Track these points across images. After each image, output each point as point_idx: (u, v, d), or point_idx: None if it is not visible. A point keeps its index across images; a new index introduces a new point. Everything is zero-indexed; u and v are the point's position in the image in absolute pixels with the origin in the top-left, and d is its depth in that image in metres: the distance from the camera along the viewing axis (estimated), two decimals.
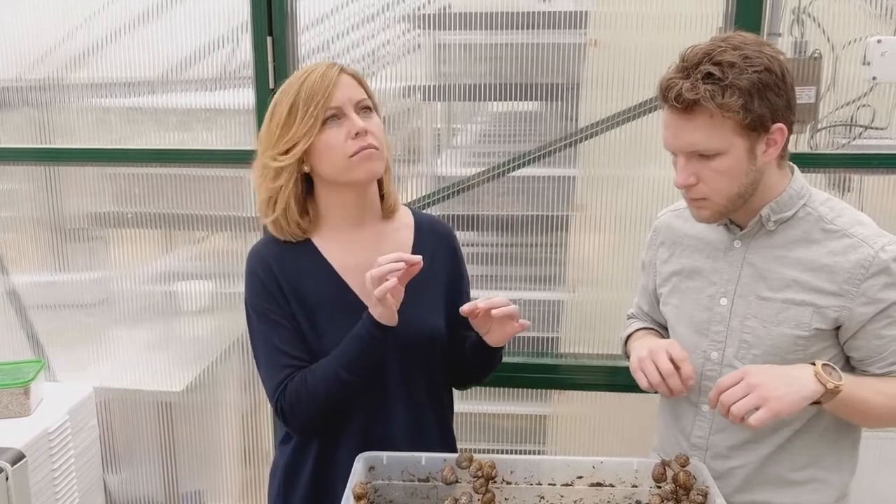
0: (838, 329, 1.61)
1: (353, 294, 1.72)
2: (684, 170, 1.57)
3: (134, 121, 2.72)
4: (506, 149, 2.56)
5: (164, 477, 2.95)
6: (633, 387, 1.85)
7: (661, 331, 1.92)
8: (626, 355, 1.94)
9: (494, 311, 1.60)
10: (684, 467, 1.59)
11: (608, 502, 1.63)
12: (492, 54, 2.47)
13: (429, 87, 2.53)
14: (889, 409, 1.58)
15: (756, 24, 2.23)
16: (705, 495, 1.54)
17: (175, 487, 2.96)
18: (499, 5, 2.41)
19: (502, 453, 2.74)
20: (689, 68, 1.50)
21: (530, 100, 2.53)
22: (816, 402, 1.51)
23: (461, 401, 2.58)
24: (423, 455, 1.64)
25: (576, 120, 2.49)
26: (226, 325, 2.82)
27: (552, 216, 2.57)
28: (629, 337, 1.95)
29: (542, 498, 1.64)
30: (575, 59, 2.43)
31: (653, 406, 1.93)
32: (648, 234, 1.91)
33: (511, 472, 1.63)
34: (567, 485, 1.63)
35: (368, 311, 1.62)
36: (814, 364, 1.50)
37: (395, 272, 1.55)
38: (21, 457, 2.37)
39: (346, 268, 1.73)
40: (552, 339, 2.67)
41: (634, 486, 1.63)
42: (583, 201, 2.56)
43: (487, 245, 2.66)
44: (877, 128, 2.37)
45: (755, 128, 1.50)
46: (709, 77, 1.47)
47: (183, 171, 2.69)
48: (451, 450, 1.88)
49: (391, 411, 1.76)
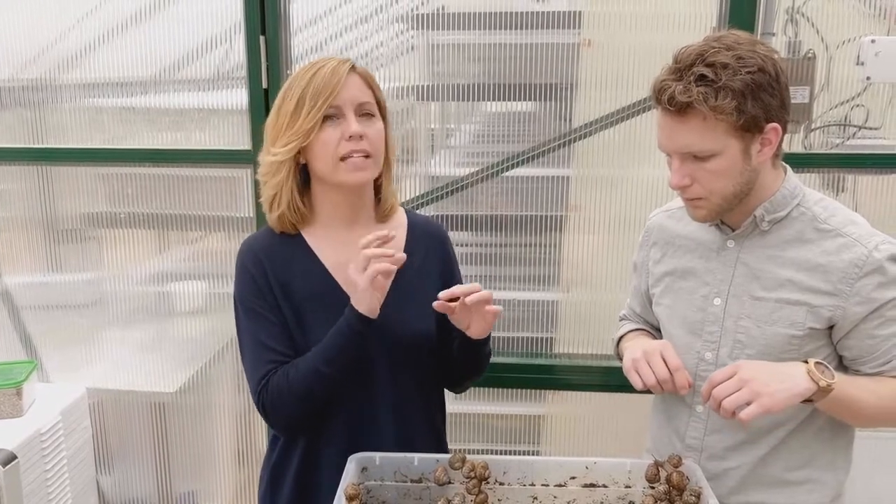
0: (832, 328, 1.61)
1: (342, 292, 1.71)
2: (679, 171, 1.57)
3: (127, 121, 2.71)
4: (500, 149, 2.56)
5: (158, 478, 2.94)
6: (627, 387, 1.84)
7: (653, 332, 1.92)
8: (619, 357, 1.94)
9: (468, 299, 1.59)
10: (677, 468, 1.60)
11: (601, 503, 1.62)
12: (486, 54, 2.47)
13: (423, 87, 2.53)
14: (881, 408, 1.58)
15: (750, 24, 2.23)
16: (698, 496, 1.54)
17: (169, 488, 2.95)
18: (493, 5, 2.41)
19: (497, 454, 2.76)
20: (681, 70, 1.50)
21: (525, 100, 2.53)
22: (808, 401, 1.51)
23: (456, 401, 2.60)
24: (415, 456, 1.64)
25: (570, 120, 2.48)
26: (220, 326, 2.81)
27: (546, 216, 2.57)
28: (621, 338, 1.95)
29: (536, 499, 1.63)
30: (569, 59, 2.43)
31: (647, 406, 1.93)
32: (640, 234, 1.90)
33: (504, 472, 1.63)
34: (560, 485, 1.63)
35: (351, 304, 1.62)
36: (807, 362, 1.50)
37: (385, 258, 1.56)
38: (13, 458, 2.36)
39: (337, 266, 1.73)
40: (547, 339, 2.67)
41: (628, 487, 1.63)
42: (577, 201, 2.55)
43: (481, 245, 2.65)
44: (870, 128, 2.37)
45: (749, 128, 1.50)
46: (702, 79, 1.47)
47: (176, 172, 2.68)
48: (441, 451, 1.87)
49: (378, 411, 1.76)
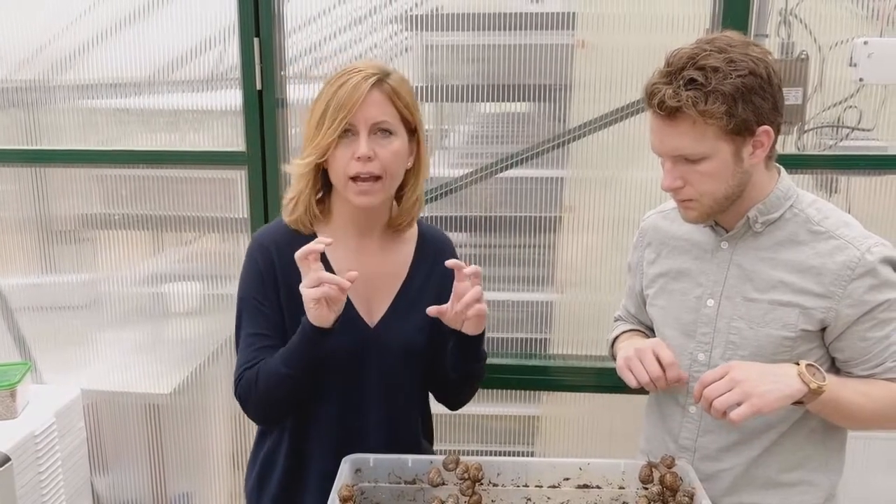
0: (824, 330, 1.61)
1: (350, 303, 1.71)
2: (670, 173, 1.58)
3: (122, 122, 2.70)
4: (495, 150, 2.56)
5: (153, 479, 2.93)
6: (620, 387, 1.85)
7: (647, 332, 1.92)
8: (613, 357, 1.94)
9: (469, 312, 1.61)
10: (671, 469, 1.60)
11: None
12: (481, 55, 2.47)
13: (418, 88, 2.50)
14: (872, 410, 1.58)
15: (743, 25, 2.23)
16: (692, 497, 1.54)
17: (163, 490, 2.94)
18: (488, 6, 2.41)
19: (491, 455, 2.76)
20: (672, 73, 1.50)
21: (520, 101, 2.53)
22: (800, 403, 1.51)
23: None
24: (409, 457, 1.65)
25: (564, 121, 2.48)
26: (215, 327, 2.81)
27: (541, 217, 2.57)
28: (616, 339, 1.95)
29: (529, 500, 1.64)
30: (564, 60, 2.43)
31: (641, 407, 1.93)
32: (635, 235, 1.91)
33: (498, 474, 1.64)
34: (554, 486, 1.64)
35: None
36: (798, 364, 1.51)
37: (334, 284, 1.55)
38: (7, 460, 2.35)
39: (343, 271, 1.69)
40: (541, 340, 2.67)
41: (621, 488, 1.64)
42: (572, 202, 2.55)
43: (476, 246, 2.65)
44: (863, 129, 2.37)
45: (740, 132, 1.50)
46: (691, 83, 1.47)
47: (171, 173, 2.68)
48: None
49: (366, 416, 1.77)
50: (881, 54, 2.21)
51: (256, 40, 2.42)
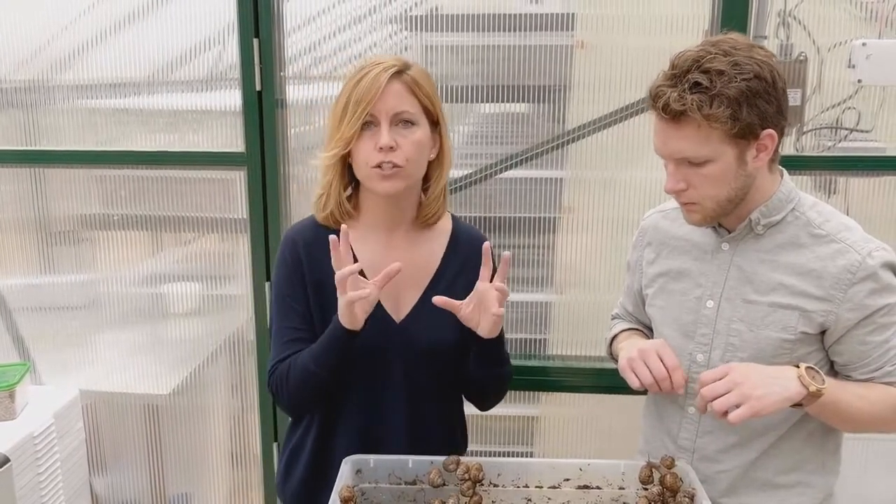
0: (823, 333, 1.61)
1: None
2: (674, 176, 1.57)
3: (121, 122, 2.69)
4: (494, 150, 2.55)
5: (152, 480, 2.93)
6: (619, 388, 1.85)
7: (646, 331, 1.92)
8: (611, 356, 1.95)
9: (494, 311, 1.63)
10: (671, 469, 1.60)
11: None
12: (480, 56, 2.46)
13: None
14: (870, 414, 1.58)
15: (742, 27, 2.22)
16: (692, 498, 1.54)
17: (162, 491, 2.94)
18: (487, 7, 2.41)
19: (490, 455, 2.75)
20: (677, 76, 1.49)
21: (518, 101, 2.52)
22: (798, 405, 1.51)
23: None
24: (409, 458, 1.64)
25: (563, 122, 2.48)
26: (214, 328, 2.80)
27: (540, 218, 2.56)
28: (614, 338, 1.95)
29: (530, 500, 1.64)
30: (563, 60, 2.43)
31: (639, 408, 1.93)
32: (635, 234, 1.90)
33: (498, 474, 1.64)
34: (554, 487, 1.64)
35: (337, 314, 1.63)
36: (798, 366, 1.51)
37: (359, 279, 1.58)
38: (6, 461, 2.35)
39: (371, 266, 1.71)
40: (540, 340, 2.67)
41: (621, 489, 1.63)
42: (571, 203, 2.55)
43: None
44: (862, 130, 2.37)
45: (744, 135, 1.50)
46: (696, 87, 1.47)
47: (170, 174, 2.67)
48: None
49: (389, 413, 1.77)
50: (880, 56, 2.21)
51: (256, 41, 2.42)
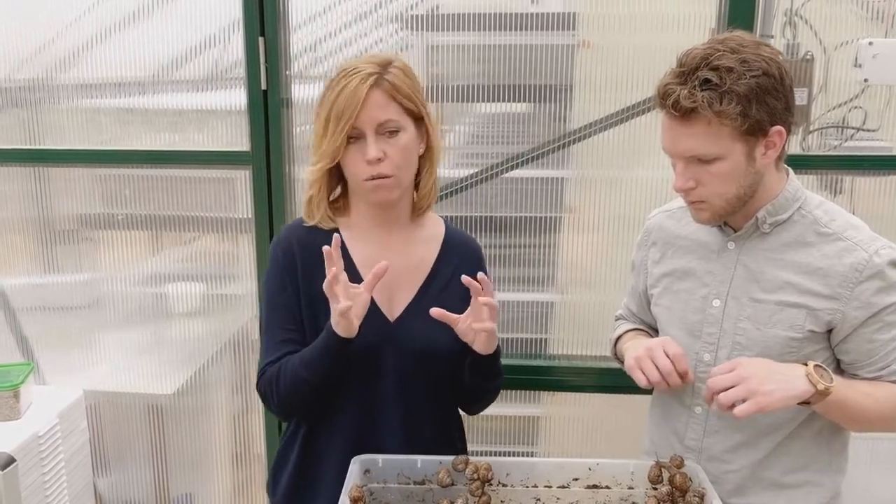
0: (830, 332, 1.61)
1: (371, 298, 1.69)
2: (683, 174, 1.57)
3: (124, 122, 2.69)
4: (497, 150, 2.55)
5: (155, 480, 2.92)
6: (622, 387, 1.85)
7: (650, 332, 1.92)
8: (616, 356, 1.95)
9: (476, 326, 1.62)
10: (680, 469, 1.60)
11: None
12: (482, 55, 2.45)
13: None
14: (877, 412, 1.58)
15: (748, 26, 2.22)
16: (702, 497, 1.54)
17: (166, 490, 2.93)
18: (490, 7, 2.40)
19: (493, 455, 2.75)
20: (686, 73, 1.49)
21: (521, 101, 2.52)
22: (806, 403, 1.51)
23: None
24: (418, 458, 1.64)
25: (566, 121, 2.48)
26: (217, 328, 2.80)
27: (543, 217, 2.56)
28: (618, 339, 1.94)
29: (539, 500, 1.64)
30: (566, 60, 2.42)
31: (644, 407, 1.93)
32: (639, 234, 1.90)
33: (507, 474, 1.64)
34: (563, 487, 1.63)
35: (330, 322, 1.62)
36: (806, 364, 1.51)
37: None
38: (11, 461, 2.34)
39: (365, 263, 1.72)
40: (543, 340, 2.66)
41: (630, 489, 1.63)
42: (573, 203, 2.54)
43: None
44: (868, 129, 2.37)
45: (754, 132, 1.50)
46: (706, 83, 1.47)
47: (174, 173, 2.66)
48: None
49: (382, 415, 1.75)
50: (886, 55, 2.21)
51: (262, 39, 2.40)
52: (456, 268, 1.80)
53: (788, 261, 1.61)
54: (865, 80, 2.26)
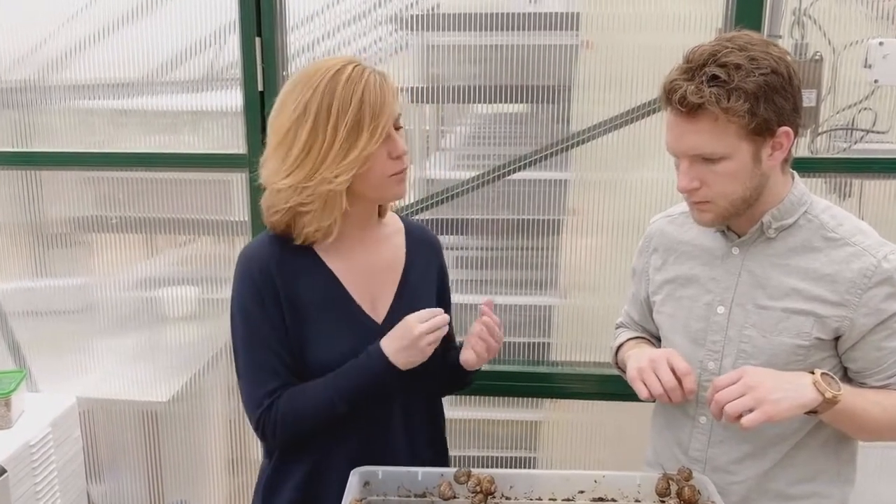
0: (837, 339, 1.58)
1: (355, 303, 1.68)
2: (687, 174, 1.54)
3: (118, 123, 2.66)
4: (496, 151, 2.54)
5: (150, 488, 2.90)
6: (625, 395, 1.82)
7: (653, 340, 1.88)
8: (617, 366, 1.92)
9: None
10: (688, 481, 1.56)
11: None
12: (482, 56, 2.44)
13: (418, 88, 2.50)
14: (886, 421, 1.55)
15: (756, 26, 2.20)
16: None
17: (161, 499, 2.91)
18: (488, 6, 2.38)
19: (493, 460, 2.72)
20: (693, 70, 1.47)
21: (521, 102, 2.51)
22: (813, 412, 1.48)
23: (451, 407, 2.60)
24: (419, 470, 1.60)
25: (567, 122, 2.46)
26: (212, 332, 2.77)
27: (545, 220, 2.54)
28: (619, 347, 1.91)
29: None
30: (566, 60, 2.40)
31: (646, 412, 1.90)
32: (640, 240, 1.87)
33: (510, 487, 1.60)
34: (568, 500, 1.60)
35: (382, 349, 1.60)
36: (813, 373, 1.48)
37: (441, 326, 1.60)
38: (2, 471, 2.32)
39: (346, 272, 1.68)
40: (544, 344, 2.64)
41: (637, 501, 1.60)
42: (575, 205, 2.53)
43: (478, 249, 2.64)
44: (878, 131, 2.34)
45: (761, 132, 1.47)
46: (714, 79, 1.44)
47: (169, 175, 2.64)
48: (443, 454, 1.88)
49: (390, 419, 1.72)
50: None
51: (258, 40, 2.38)
52: (428, 260, 1.81)
53: (794, 266, 1.58)
54: (875, 81, 2.24)
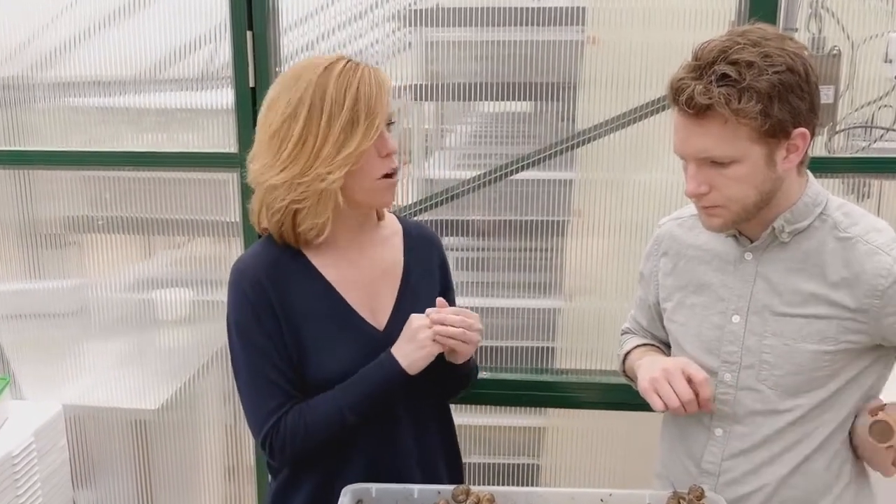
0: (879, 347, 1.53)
1: (354, 312, 1.63)
2: (695, 178, 1.47)
3: (108, 122, 2.62)
4: (499, 150, 2.51)
5: (140, 500, 2.85)
6: (633, 405, 1.81)
7: (662, 347, 1.82)
8: (625, 374, 1.86)
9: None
10: (700, 501, 1.51)
11: None
12: (484, 52, 2.40)
13: (419, 86, 2.46)
14: None
15: (771, 19, 2.13)
16: None
17: None
18: (491, 0, 2.33)
19: (496, 466, 2.66)
20: (702, 67, 1.40)
21: (524, 100, 2.48)
22: None
23: (454, 413, 2.53)
24: (415, 487, 1.55)
25: (572, 121, 2.41)
26: (206, 336, 2.71)
27: (548, 221, 2.50)
28: (627, 355, 1.84)
29: None
30: (572, 57, 2.35)
31: (652, 418, 1.83)
32: (648, 243, 1.81)
33: None
34: None
35: (393, 356, 1.57)
36: None
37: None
38: None
39: (341, 281, 1.64)
40: (547, 349, 2.60)
41: None
42: (580, 206, 2.48)
43: (480, 250, 2.61)
44: None
45: (775, 134, 1.40)
46: (724, 78, 1.37)
47: (159, 175, 2.59)
48: (455, 465, 1.85)
49: (400, 437, 1.69)
50: None
51: (249, 34, 2.32)
52: (428, 260, 1.78)
53: (810, 271, 1.52)
54: None
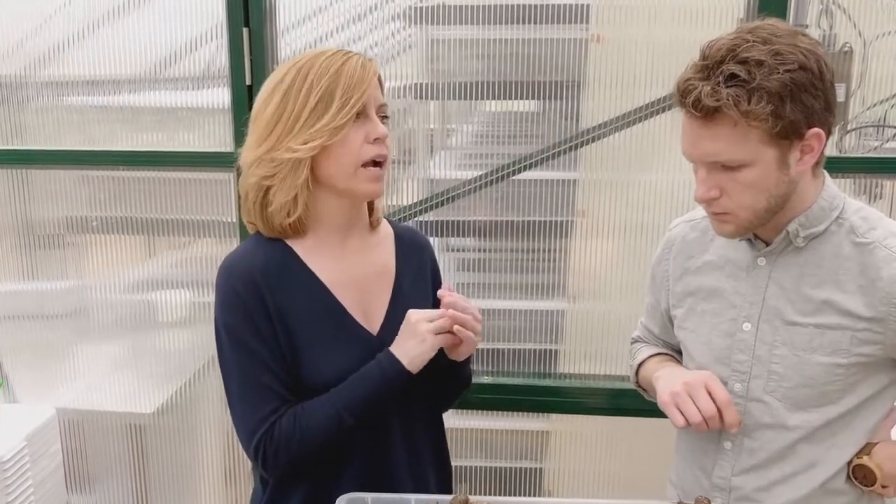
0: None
1: (348, 314, 1.60)
2: (705, 182, 1.42)
3: (106, 121, 2.60)
4: (503, 150, 2.48)
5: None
6: (639, 411, 1.82)
7: (675, 356, 1.77)
8: (639, 386, 1.81)
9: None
10: None
11: None
12: (488, 51, 2.38)
13: (422, 85, 2.44)
14: None
15: (781, 16, 2.09)
16: None
17: None
18: None
19: (499, 470, 2.63)
20: (710, 67, 1.35)
21: (528, 99, 2.47)
22: None
23: (456, 416, 2.59)
24: (412, 497, 1.51)
25: (577, 120, 2.39)
26: (203, 339, 2.67)
27: (553, 221, 2.47)
28: (640, 365, 1.79)
29: None
30: (576, 55, 2.33)
31: (661, 426, 1.77)
32: (659, 247, 1.76)
33: None
34: None
35: (392, 355, 1.55)
36: None
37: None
38: None
39: (335, 282, 1.60)
40: (551, 351, 2.57)
41: None
42: (585, 206, 2.45)
43: (483, 251, 2.61)
44: None
45: (787, 135, 1.35)
46: (732, 78, 1.32)
47: (157, 174, 2.58)
48: (445, 469, 1.83)
49: (392, 445, 1.65)
50: None
51: (246, 31, 2.29)
52: (420, 265, 1.76)
53: (825, 277, 1.47)
54: None
